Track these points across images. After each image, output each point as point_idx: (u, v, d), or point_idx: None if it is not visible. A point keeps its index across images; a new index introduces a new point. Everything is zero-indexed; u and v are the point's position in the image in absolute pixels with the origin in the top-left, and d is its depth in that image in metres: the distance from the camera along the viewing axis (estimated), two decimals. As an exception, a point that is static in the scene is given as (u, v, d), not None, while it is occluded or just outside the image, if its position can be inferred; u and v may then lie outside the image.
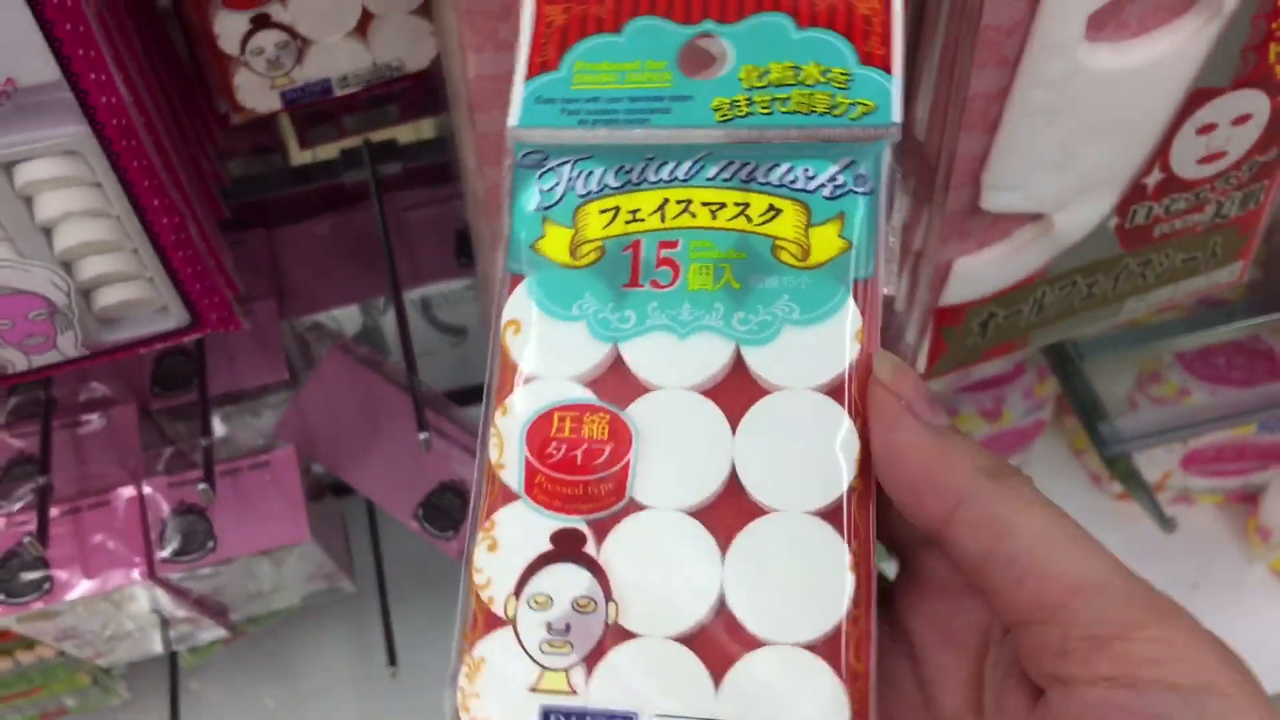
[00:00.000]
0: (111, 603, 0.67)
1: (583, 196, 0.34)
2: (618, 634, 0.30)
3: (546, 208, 0.34)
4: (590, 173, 0.34)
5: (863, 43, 0.34)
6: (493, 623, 0.31)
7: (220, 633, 0.79)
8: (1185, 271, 0.55)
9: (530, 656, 0.31)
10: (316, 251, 0.78)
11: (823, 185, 0.32)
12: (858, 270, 0.32)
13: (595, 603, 0.31)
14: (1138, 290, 0.55)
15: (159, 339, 0.51)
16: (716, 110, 0.34)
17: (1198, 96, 0.45)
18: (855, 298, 0.32)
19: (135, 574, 0.65)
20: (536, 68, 0.35)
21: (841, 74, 0.33)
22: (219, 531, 0.66)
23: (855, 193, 0.32)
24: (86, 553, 0.65)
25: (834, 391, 0.31)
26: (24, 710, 0.96)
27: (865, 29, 0.34)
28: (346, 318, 0.81)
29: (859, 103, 0.33)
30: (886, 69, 0.33)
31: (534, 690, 0.30)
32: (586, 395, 0.32)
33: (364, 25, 0.51)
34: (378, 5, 0.50)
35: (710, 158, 0.33)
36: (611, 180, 0.34)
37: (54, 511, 0.64)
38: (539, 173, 0.34)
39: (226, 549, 0.66)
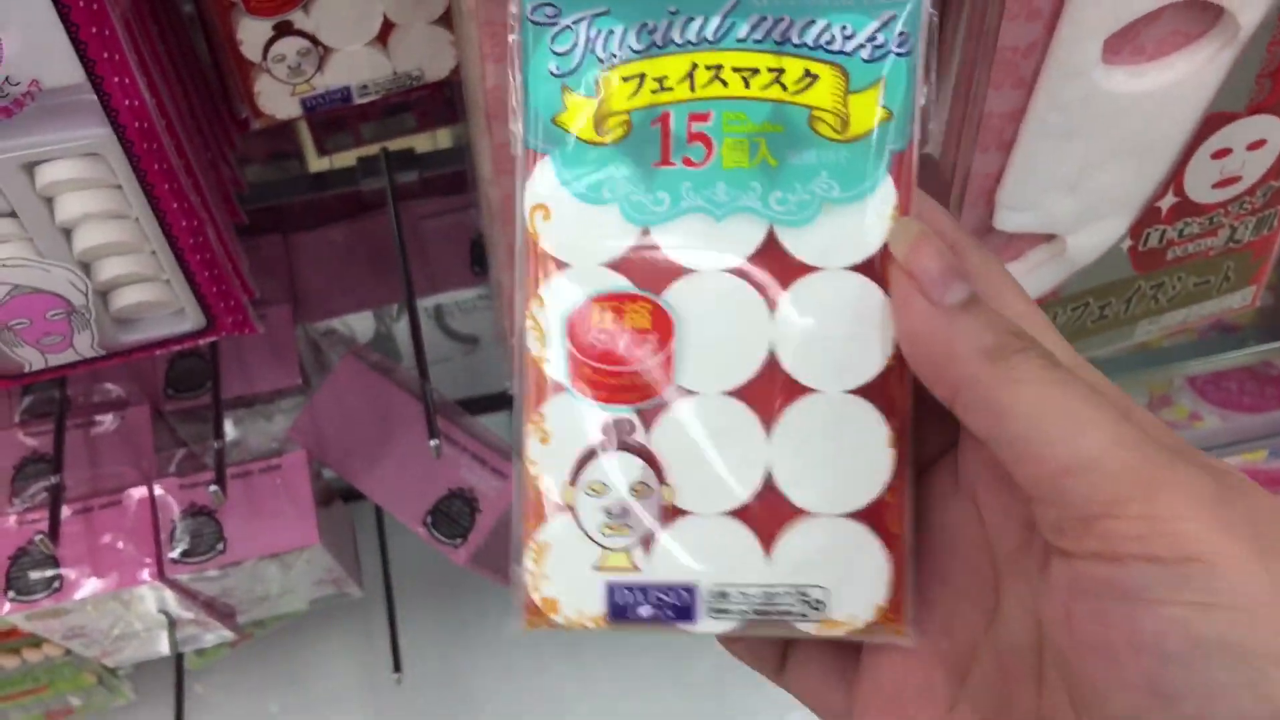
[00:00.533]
0: (120, 602, 0.67)
1: (604, 61, 0.32)
2: (672, 513, 0.32)
3: (565, 74, 0.32)
4: (610, 32, 0.31)
5: None
6: (551, 509, 0.32)
7: (227, 635, 0.79)
8: (1198, 295, 0.55)
9: (591, 539, 0.32)
10: (332, 258, 0.79)
11: (861, 46, 0.31)
12: (896, 141, 0.31)
13: (650, 487, 0.32)
14: (1150, 313, 0.55)
15: (174, 341, 0.51)
16: None
17: (1213, 121, 0.45)
18: (893, 171, 0.31)
19: (145, 574, 0.65)
20: None
21: None
22: (228, 534, 0.66)
23: (896, 54, 0.31)
24: (97, 552, 0.65)
25: (870, 270, 0.31)
26: (29, 709, 0.97)
27: None
28: (359, 324, 0.82)
29: None
30: None
31: (598, 569, 0.32)
32: (624, 283, 0.32)
33: (385, 34, 0.52)
34: (399, 14, 0.51)
35: (739, 10, 0.31)
36: (634, 41, 0.31)
37: (65, 510, 0.65)
38: (553, 32, 0.32)
39: (236, 551, 0.66)
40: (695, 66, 0.31)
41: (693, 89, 0.31)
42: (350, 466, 0.71)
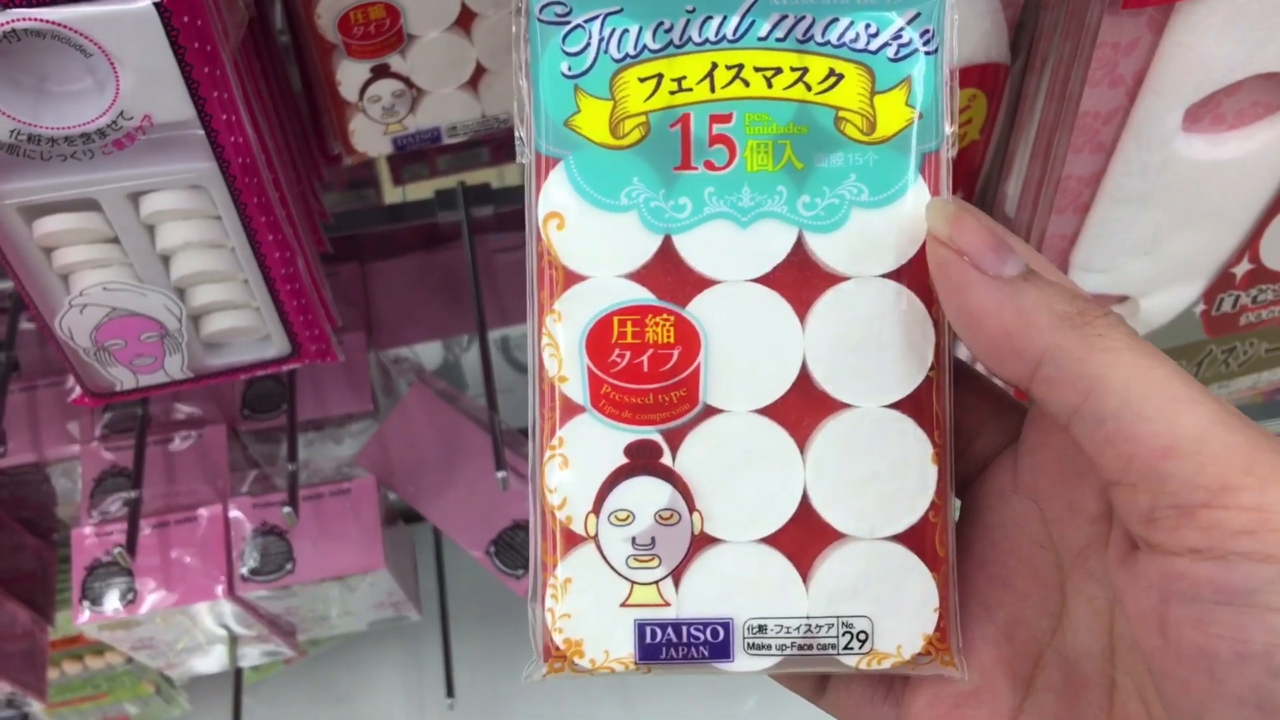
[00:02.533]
0: (188, 616, 0.69)
1: (619, 61, 0.30)
2: (704, 541, 0.30)
3: (577, 75, 0.30)
4: (625, 31, 0.30)
5: None
6: (573, 541, 0.30)
7: (285, 652, 0.81)
8: (1270, 361, 0.55)
9: (617, 572, 0.30)
10: (406, 287, 0.80)
11: (887, 45, 0.29)
12: (926, 142, 0.30)
13: (678, 514, 0.30)
14: (1220, 377, 0.55)
15: (259, 366, 0.53)
16: None
17: (1291, 191, 0.46)
18: (924, 172, 0.30)
19: (216, 590, 0.67)
20: None
21: None
22: (297, 554, 0.68)
23: (922, 52, 0.30)
24: (170, 566, 0.67)
25: (906, 277, 0.30)
26: (86, 715, 0.98)
27: None
28: (427, 352, 0.83)
29: None
30: None
31: (625, 605, 0.30)
32: (646, 295, 0.30)
33: (476, 78, 0.53)
34: (491, 61, 0.52)
35: (759, 8, 0.29)
36: (650, 41, 0.30)
37: (141, 525, 0.66)
38: (564, 31, 0.30)
39: (304, 571, 0.68)
40: (715, 66, 0.30)
41: (713, 89, 0.30)
42: (416, 493, 0.72)
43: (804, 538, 0.30)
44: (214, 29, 0.40)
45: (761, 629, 0.30)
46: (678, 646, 0.30)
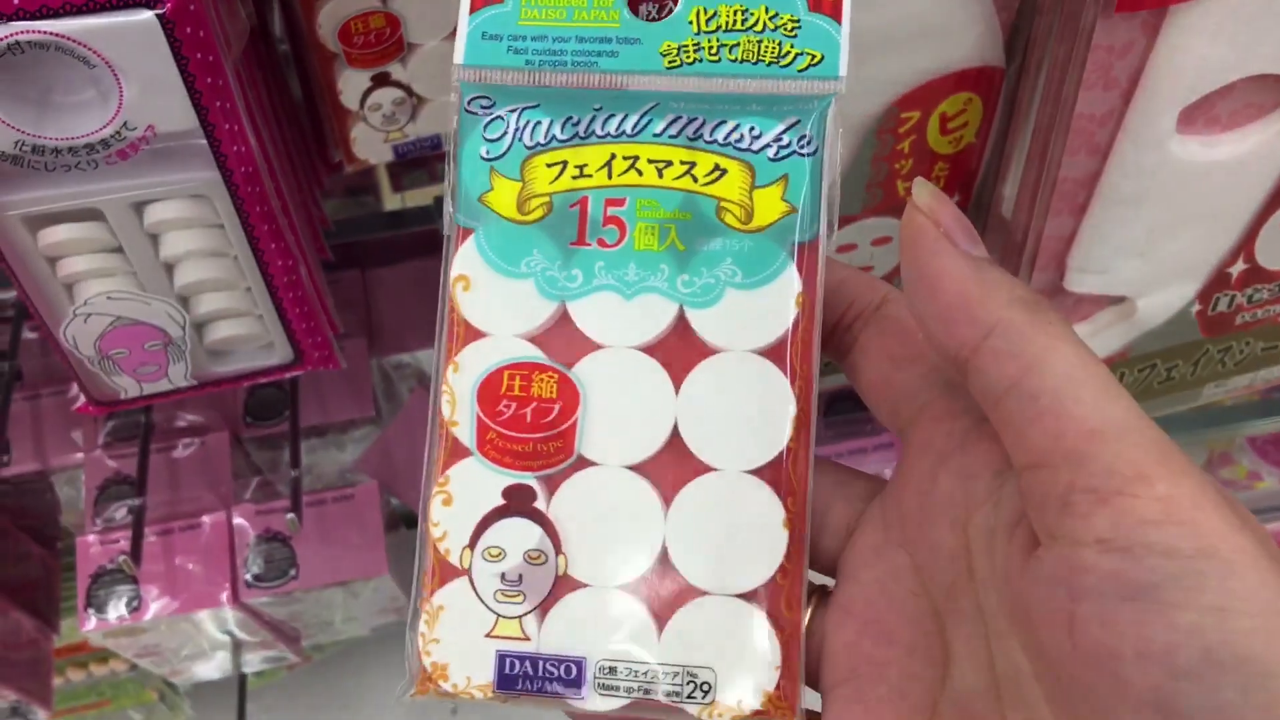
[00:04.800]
0: (193, 623, 0.69)
1: (530, 149, 0.33)
2: (567, 584, 0.32)
3: (494, 159, 0.33)
4: (538, 123, 0.33)
5: None
6: (449, 573, 0.32)
7: (288, 657, 0.81)
8: (1265, 360, 0.55)
9: (485, 605, 0.32)
10: (407, 293, 0.81)
11: (768, 146, 0.32)
12: (801, 234, 0.32)
13: (545, 555, 0.32)
14: (1216, 376, 0.55)
15: (263, 374, 0.53)
16: (664, 55, 0.33)
17: (1285, 190, 0.46)
18: (797, 261, 0.32)
19: (220, 597, 0.67)
20: (481, 0, 0.34)
21: (790, 20, 0.33)
22: (301, 560, 0.68)
23: (799, 154, 0.32)
24: (174, 574, 0.67)
25: (774, 354, 0.32)
26: (91, 722, 0.99)
27: None
28: (428, 358, 0.84)
29: (806, 52, 0.32)
30: (836, 17, 0.32)
31: (490, 636, 0.32)
32: (535, 354, 0.32)
33: (476, 86, 0.54)
34: (490, 68, 0.53)
35: (657, 110, 0.33)
36: (559, 132, 0.33)
37: (145, 532, 0.67)
38: (486, 121, 0.33)
39: (307, 578, 0.68)
40: (614, 156, 0.33)
41: (610, 176, 0.33)
42: (418, 498, 0.73)
43: (662, 590, 0.32)
44: (216, 39, 0.40)
45: (612, 670, 0.31)
46: (533, 679, 0.32)
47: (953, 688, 0.29)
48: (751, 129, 0.32)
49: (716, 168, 0.32)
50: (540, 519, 0.32)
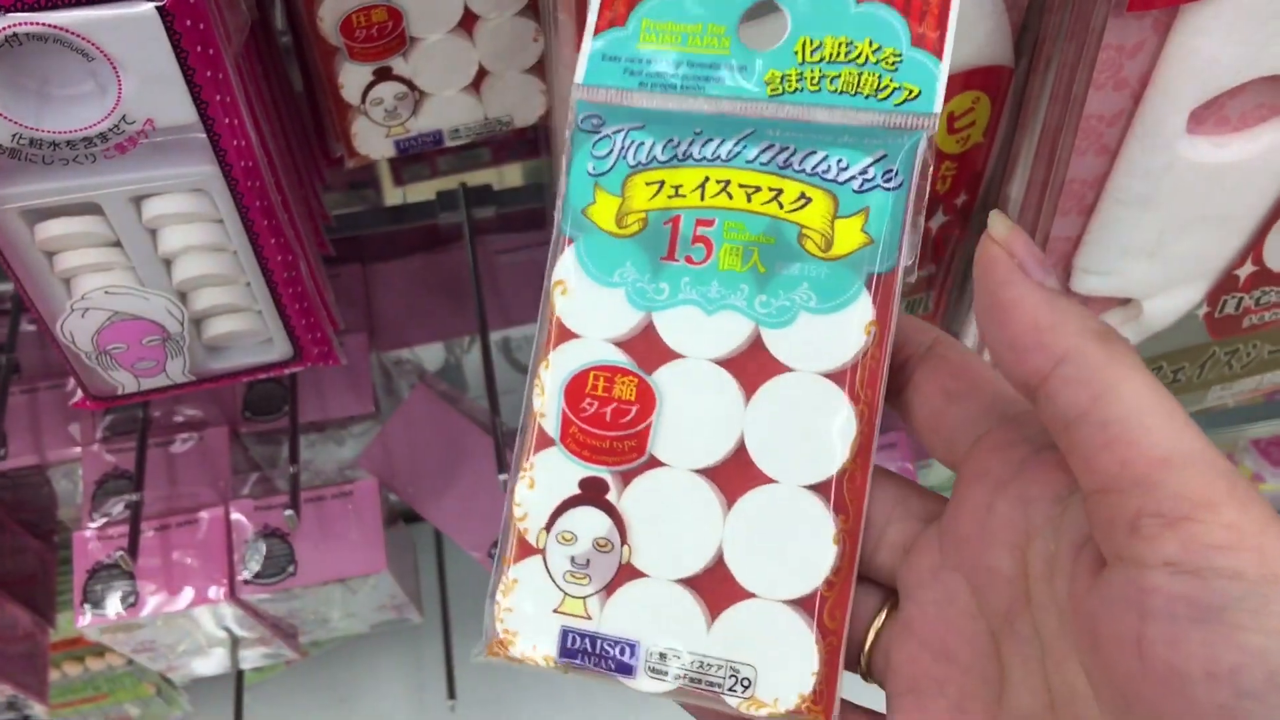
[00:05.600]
0: (190, 619, 0.69)
1: (633, 167, 0.35)
2: (629, 573, 0.34)
3: (599, 175, 0.35)
4: (641, 144, 0.35)
5: (917, 23, 0.34)
6: (526, 550, 0.35)
7: (286, 654, 0.81)
8: (1272, 363, 0.55)
9: (555, 583, 0.35)
10: (408, 288, 0.80)
11: (853, 178, 0.34)
12: (877, 265, 0.33)
13: (612, 544, 0.34)
14: (1223, 379, 0.55)
15: (262, 369, 0.53)
16: (768, 84, 0.35)
17: (1295, 193, 0.46)
18: (871, 291, 0.33)
19: (218, 593, 0.67)
20: (605, 23, 0.36)
21: (893, 54, 0.34)
22: (299, 557, 0.68)
23: (883, 188, 0.33)
24: (171, 569, 0.67)
25: (839, 378, 0.33)
26: (88, 716, 0.99)
27: (922, 9, 0.34)
28: (428, 353, 0.83)
29: (904, 87, 0.34)
30: (937, 53, 0.34)
31: (556, 611, 0.35)
32: (620, 358, 0.35)
33: (479, 81, 0.53)
34: (494, 63, 0.52)
35: (753, 137, 0.35)
36: (660, 153, 0.35)
37: (143, 528, 0.66)
38: (595, 139, 0.36)
39: (306, 574, 0.68)
40: (707, 179, 0.35)
41: (703, 198, 0.35)
42: (417, 495, 0.72)
43: (716, 587, 0.34)
44: (216, 32, 0.40)
45: (663, 657, 0.34)
46: (591, 656, 0.34)
47: (1009, 707, 0.30)
48: (839, 160, 0.34)
49: (802, 195, 0.34)
50: (610, 510, 0.35)
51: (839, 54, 0.34)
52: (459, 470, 0.72)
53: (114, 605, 0.66)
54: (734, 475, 0.34)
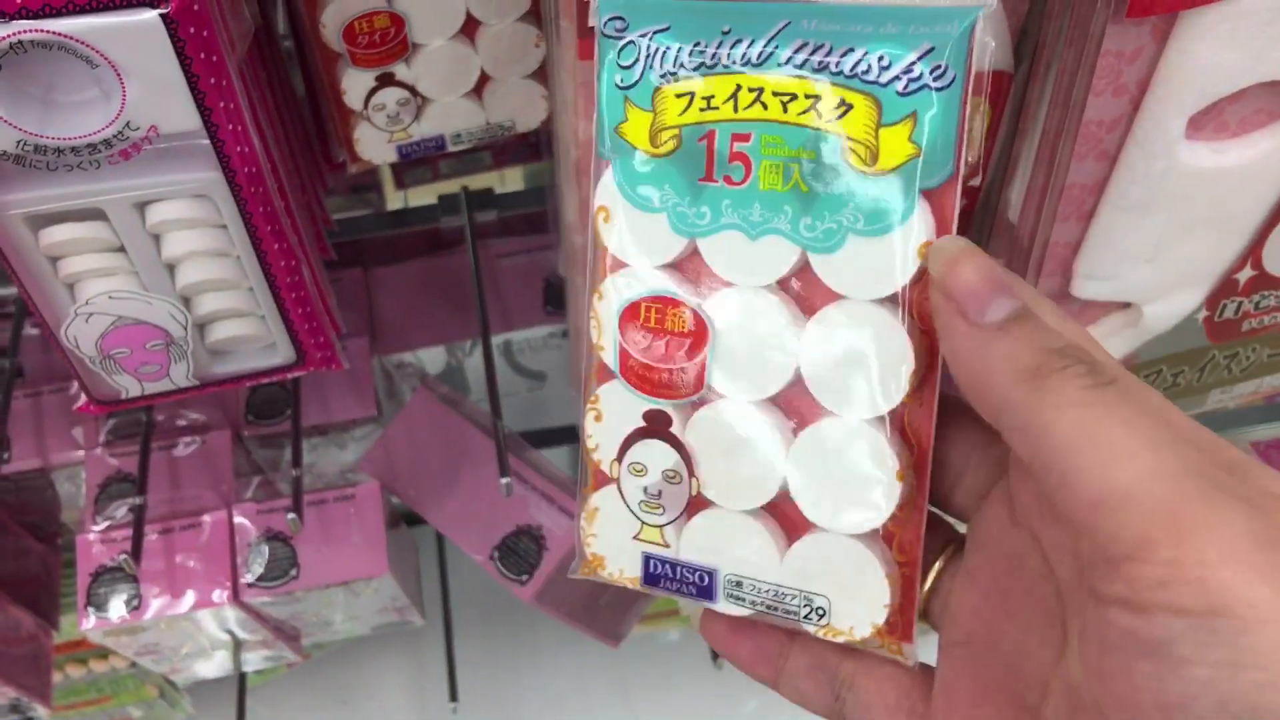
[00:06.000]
0: (193, 623, 0.69)
1: (661, 77, 0.33)
2: (700, 503, 0.35)
3: (628, 87, 0.33)
4: (667, 49, 0.32)
5: None
6: (602, 479, 0.36)
7: (288, 656, 0.81)
8: (1271, 367, 0.55)
9: (632, 511, 0.36)
10: (410, 292, 0.80)
11: (897, 78, 0.30)
12: (928, 178, 0.30)
13: (680, 476, 0.35)
14: (1223, 383, 0.55)
15: (265, 374, 0.53)
16: None
17: (1294, 197, 0.46)
18: (925, 205, 0.30)
19: (221, 596, 0.67)
20: None
21: None
22: (302, 560, 0.68)
23: (930, 88, 0.30)
24: (174, 572, 0.67)
25: (894, 305, 0.31)
26: (90, 718, 0.99)
27: None
28: (430, 357, 0.84)
29: None
30: None
31: (636, 539, 0.36)
32: (669, 287, 0.34)
33: (481, 86, 0.53)
34: (495, 69, 0.52)
35: (785, 34, 0.31)
36: (687, 60, 0.32)
37: (146, 531, 0.66)
38: (619, 45, 0.33)
39: (308, 578, 0.68)
40: (739, 88, 0.32)
41: (736, 110, 0.32)
42: (419, 498, 0.72)
43: (784, 519, 0.34)
44: (220, 39, 0.40)
45: (739, 584, 0.35)
46: (673, 581, 0.36)
47: (1066, 672, 0.30)
48: (880, 58, 0.30)
49: (842, 102, 0.31)
50: (676, 443, 0.35)
51: None
52: (460, 473, 0.72)
53: (117, 608, 0.66)
54: (792, 407, 0.33)
